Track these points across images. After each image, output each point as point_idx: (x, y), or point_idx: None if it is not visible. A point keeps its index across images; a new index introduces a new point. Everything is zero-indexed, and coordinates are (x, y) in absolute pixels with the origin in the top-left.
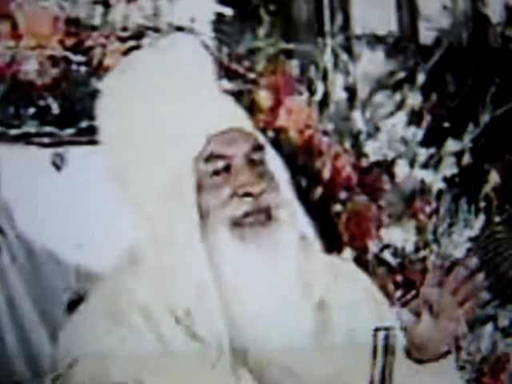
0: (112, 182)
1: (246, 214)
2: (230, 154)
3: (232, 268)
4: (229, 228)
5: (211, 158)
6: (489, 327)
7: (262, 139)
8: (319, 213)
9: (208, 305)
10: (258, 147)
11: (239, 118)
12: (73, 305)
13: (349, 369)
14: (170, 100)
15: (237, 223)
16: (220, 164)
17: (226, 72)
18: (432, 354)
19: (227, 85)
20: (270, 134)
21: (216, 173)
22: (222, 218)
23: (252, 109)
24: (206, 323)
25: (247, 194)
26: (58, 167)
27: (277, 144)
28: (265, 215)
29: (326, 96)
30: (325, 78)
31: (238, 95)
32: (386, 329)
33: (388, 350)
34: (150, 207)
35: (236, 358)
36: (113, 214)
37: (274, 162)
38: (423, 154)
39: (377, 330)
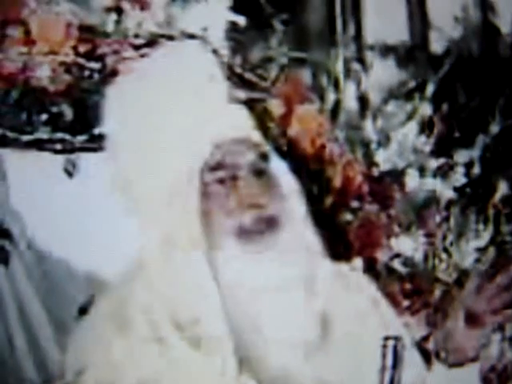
0: (115, 188)
1: (251, 223)
2: (236, 163)
3: (236, 277)
4: (233, 237)
5: (217, 167)
6: (496, 336)
7: (268, 149)
8: (330, 221)
9: (212, 313)
10: (264, 157)
11: (247, 127)
12: (83, 312)
13: (353, 378)
14: (179, 108)
15: (242, 232)
16: (226, 173)
17: (238, 80)
18: (460, 358)
19: (239, 93)
20: (282, 142)
21: (221, 182)
22: (226, 226)
23: (264, 117)
24: (210, 331)
25: (252, 204)
26: (70, 174)
27: (288, 152)
28: (270, 224)
29: (337, 105)
30: (336, 87)
31: (250, 104)
32: (395, 338)
33: (397, 358)
34: (155, 215)
35: (240, 366)
36: (124, 221)
37: (283, 171)
38: (433, 163)
39: (386, 338)
